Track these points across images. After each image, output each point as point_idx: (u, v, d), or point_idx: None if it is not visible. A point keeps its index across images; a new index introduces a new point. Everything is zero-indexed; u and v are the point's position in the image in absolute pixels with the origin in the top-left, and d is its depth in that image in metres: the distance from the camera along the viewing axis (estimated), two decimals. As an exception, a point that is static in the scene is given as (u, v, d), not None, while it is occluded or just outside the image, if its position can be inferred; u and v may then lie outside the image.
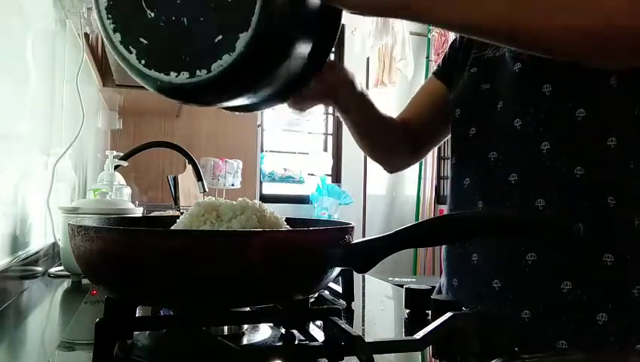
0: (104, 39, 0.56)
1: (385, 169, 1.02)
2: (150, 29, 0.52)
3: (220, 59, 0.49)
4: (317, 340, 0.51)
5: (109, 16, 0.54)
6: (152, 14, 0.52)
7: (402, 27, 3.93)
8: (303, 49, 0.58)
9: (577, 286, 0.69)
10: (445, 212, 0.86)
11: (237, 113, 0.70)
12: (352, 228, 0.55)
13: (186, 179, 2.53)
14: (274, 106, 0.68)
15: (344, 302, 0.76)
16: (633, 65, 0.59)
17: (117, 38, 0.53)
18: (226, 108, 0.67)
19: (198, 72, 0.50)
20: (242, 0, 0.49)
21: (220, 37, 0.49)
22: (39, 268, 1.03)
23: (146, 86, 0.56)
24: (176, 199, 2.31)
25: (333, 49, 0.67)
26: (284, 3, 0.51)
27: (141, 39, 0.52)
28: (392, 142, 0.96)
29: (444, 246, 0.87)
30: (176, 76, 0.51)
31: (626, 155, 0.70)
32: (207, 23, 0.50)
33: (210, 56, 0.49)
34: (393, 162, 1.01)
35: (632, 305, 0.68)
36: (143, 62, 0.52)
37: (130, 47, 0.53)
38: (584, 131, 0.70)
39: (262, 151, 4.03)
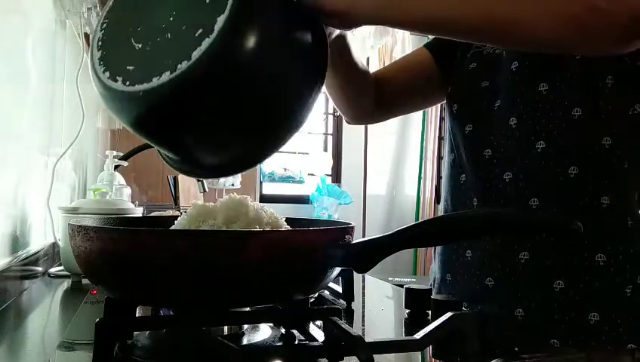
0: (94, 84, 0.54)
1: (345, 119, 0.96)
2: (137, 57, 0.51)
3: (200, 45, 0.47)
4: (317, 340, 0.51)
5: (101, 63, 0.53)
6: (140, 45, 0.52)
7: (402, 27, 3.93)
8: (289, 36, 0.54)
9: (570, 286, 0.69)
10: (440, 207, 0.86)
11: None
12: (352, 228, 0.55)
13: (186, 179, 2.53)
14: (271, 154, 0.57)
15: (344, 302, 0.76)
16: (620, 51, 0.58)
17: (105, 75, 0.52)
18: (223, 170, 0.59)
19: (179, 65, 0.48)
20: None
21: (200, 30, 0.48)
22: (39, 268, 1.03)
23: (130, 122, 0.53)
24: (176, 199, 2.31)
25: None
26: None
27: (128, 67, 0.51)
28: (358, 91, 0.90)
29: None
30: (158, 79, 0.49)
31: (620, 155, 0.70)
32: (188, 24, 0.49)
33: (191, 47, 0.48)
34: (354, 112, 0.94)
35: (624, 305, 0.68)
36: (127, 83, 0.50)
37: (117, 77, 0.51)
38: (579, 130, 0.70)
39: (262, 151, 4.02)
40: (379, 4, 0.56)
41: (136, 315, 0.52)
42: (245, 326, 0.57)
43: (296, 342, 0.53)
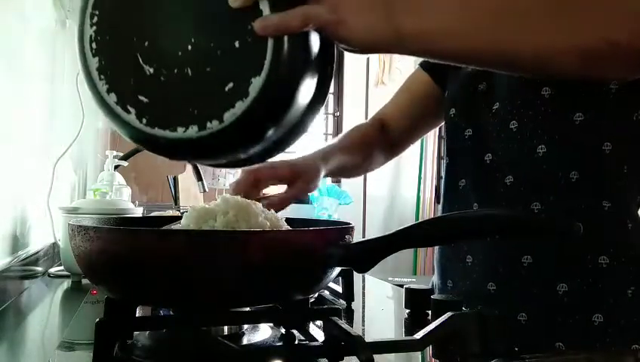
0: (95, 103, 0.50)
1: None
2: (150, 85, 0.48)
3: (233, 107, 0.46)
4: (317, 340, 0.51)
5: (102, 76, 0.49)
6: (152, 70, 0.48)
7: (402, 27, 3.92)
8: (311, 83, 0.52)
9: (573, 288, 0.69)
10: (439, 212, 0.86)
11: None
12: (352, 228, 0.55)
13: (186, 179, 2.53)
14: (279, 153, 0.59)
15: (344, 302, 0.76)
16: (633, 78, 0.58)
17: (112, 99, 0.49)
18: (229, 165, 0.59)
19: (208, 123, 0.46)
20: (251, 43, 0.46)
21: (231, 84, 0.46)
22: (39, 268, 1.03)
23: (146, 147, 0.51)
24: (176, 199, 2.31)
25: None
26: (293, 42, 0.47)
27: (140, 97, 0.48)
28: (369, 154, 0.96)
29: (437, 247, 0.87)
30: (184, 131, 0.47)
31: (621, 160, 0.70)
32: (215, 71, 0.47)
33: (222, 105, 0.46)
34: (371, 167, 1.01)
35: (627, 306, 0.68)
36: (144, 120, 0.48)
37: (128, 107, 0.48)
38: (580, 135, 0.70)
39: (262, 151, 4.01)
40: (397, 36, 0.51)
41: (136, 315, 0.52)
42: (245, 326, 0.57)
43: (296, 342, 0.53)
